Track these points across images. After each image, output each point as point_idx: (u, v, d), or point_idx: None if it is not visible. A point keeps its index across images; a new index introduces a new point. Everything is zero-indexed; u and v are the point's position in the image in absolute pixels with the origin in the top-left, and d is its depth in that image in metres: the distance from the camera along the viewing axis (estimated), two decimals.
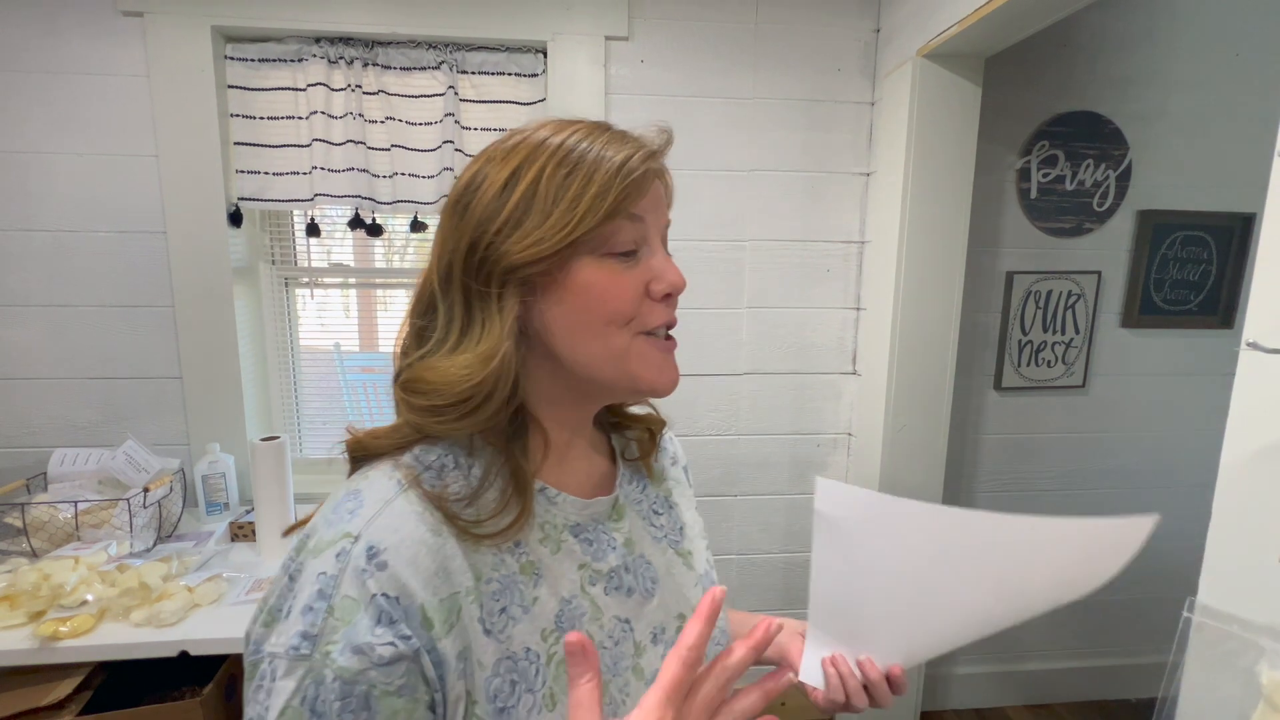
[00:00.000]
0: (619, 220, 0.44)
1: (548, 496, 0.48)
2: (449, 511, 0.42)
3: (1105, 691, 1.94)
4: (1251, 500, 0.60)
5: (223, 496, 1.46)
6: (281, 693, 0.36)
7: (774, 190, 1.58)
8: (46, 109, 1.38)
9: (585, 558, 0.48)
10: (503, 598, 0.43)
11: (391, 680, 0.37)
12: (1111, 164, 1.66)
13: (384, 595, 0.38)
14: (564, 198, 0.42)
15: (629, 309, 0.45)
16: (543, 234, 0.42)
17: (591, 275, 0.44)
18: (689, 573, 0.56)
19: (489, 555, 0.43)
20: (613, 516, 0.52)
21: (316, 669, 0.36)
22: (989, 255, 1.68)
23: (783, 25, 1.52)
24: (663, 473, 0.60)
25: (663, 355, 0.47)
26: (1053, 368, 1.74)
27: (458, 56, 1.46)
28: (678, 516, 0.59)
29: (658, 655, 0.49)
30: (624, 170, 0.43)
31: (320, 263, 1.68)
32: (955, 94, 1.38)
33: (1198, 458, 1.82)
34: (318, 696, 0.36)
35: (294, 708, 0.36)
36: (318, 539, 0.40)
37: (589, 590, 0.47)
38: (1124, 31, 1.63)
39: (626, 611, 0.49)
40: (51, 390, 1.47)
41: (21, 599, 1.05)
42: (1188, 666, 0.58)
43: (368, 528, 0.39)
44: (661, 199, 0.48)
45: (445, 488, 0.43)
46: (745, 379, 1.65)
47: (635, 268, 0.46)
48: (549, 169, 0.43)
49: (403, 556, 0.39)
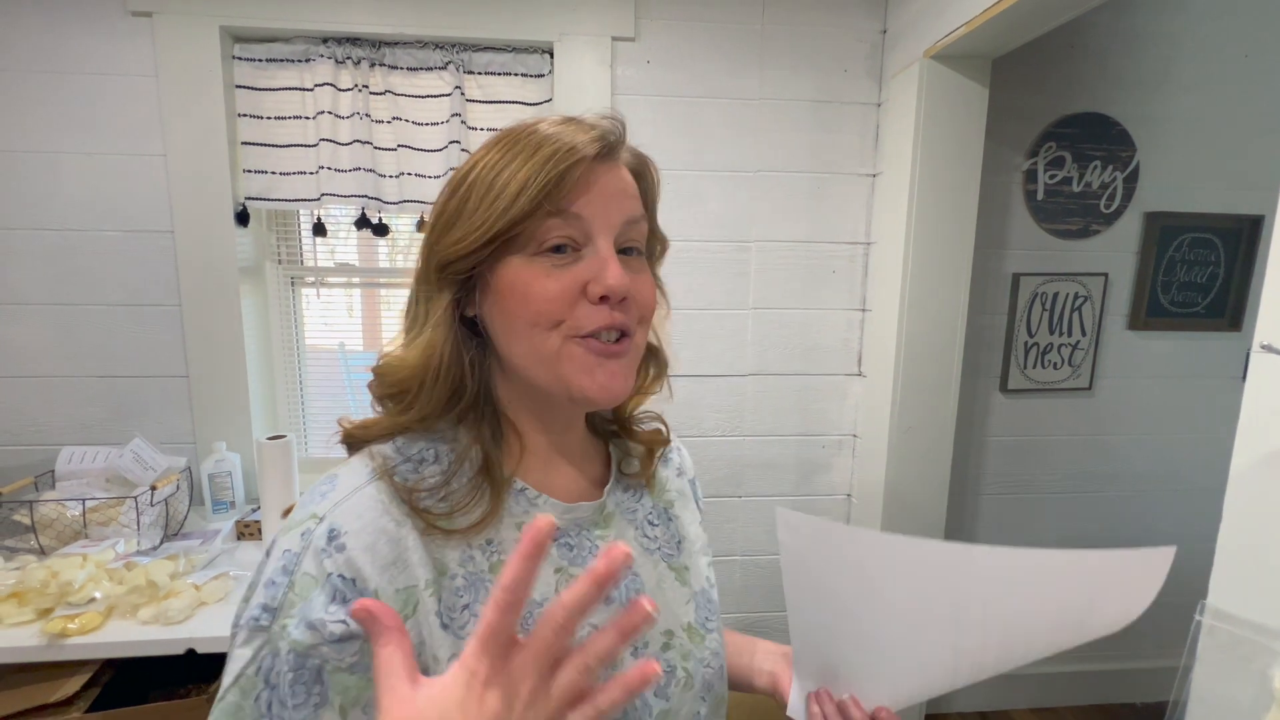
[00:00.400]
0: (547, 217, 0.42)
1: (528, 498, 0.47)
2: (416, 505, 0.42)
3: (1111, 695, 1.93)
4: (1263, 503, 0.59)
5: (229, 495, 1.46)
6: (239, 660, 0.38)
7: (780, 191, 1.58)
8: (55, 108, 1.39)
9: (562, 562, 0.47)
10: (466, 594, 0.42)
11: (343, 657, 0.37)
12: (1119, 166, 1.66)
13: (340, 576, 0.38)
14: (489, 196, 0.42)
15: (554, 310, 0.43)
16: (465, 231, 0.43)
17: (516, 275, 0.43)
18: (681, 588, 0.53)
19: (457, 551, 0.43)
20: (599, 523, 0.51)
21: (273, 640, 0.37)
22: (995, 257, 1.67)
23: (789, 26, 1.52)
24: (664, 484, 0.58)
25: (597, 360, 0.44)
26: (1059, 370, 1.74)
27: (464, 57, 1.47)
28: (677, 530, 0.56)
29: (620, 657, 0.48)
30: (550, 164, 0.41)
31: (325, 262, 1.68)
32: (962, 95, 1.38)
33: (1205, 461, 1.81)
34: (272, 668, 0.37)
35: (249, 676, 0.37)
36: (291, 518, 0.42)
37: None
38: (1132, 33, 1.62)
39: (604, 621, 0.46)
40: (59, 388, 1.48)
41: (30, 596, 1.05)
42: (1198, 669, 0.58)
43: (333, 510, 0.41)
44: (618, 192, 0.45)
45: (421, 480, 0.43)
46: (750, 380, 1.65)
47: (572, 267, 0.43)
48: (482, 171, 0.43)
49: (361, 542, 0.40)
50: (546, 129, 0.44)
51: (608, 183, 0.44)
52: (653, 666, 0.31)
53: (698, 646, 0.52)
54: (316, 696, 0.37)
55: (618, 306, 0.44)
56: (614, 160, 0.45)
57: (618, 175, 0.45)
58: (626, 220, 0.45)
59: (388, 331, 1.77)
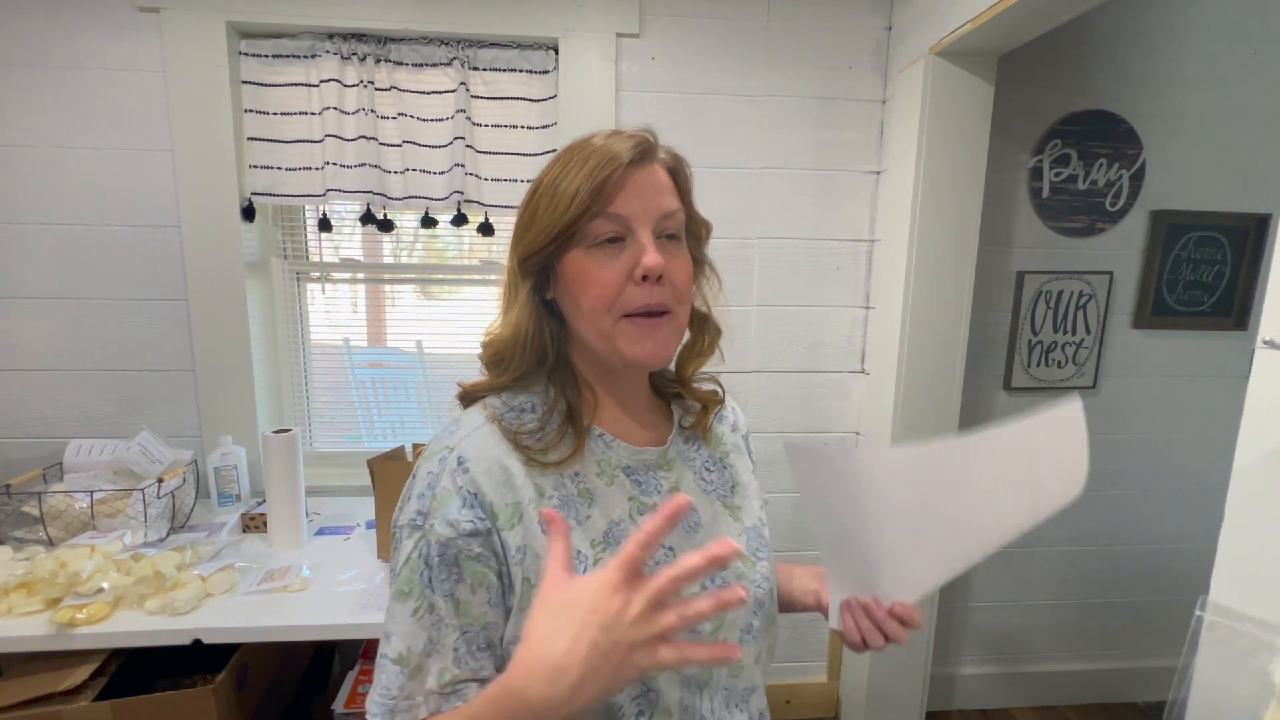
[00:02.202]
0: (595, 217, 0.53)
1: (604, 441, 0.59)
2: (519, 443, 0.55)
3: (1112, 694, 1.93)
4: (1265, 499, 0.59)
5: (234, 488, 1.47)
6: (405, 549, 0.52)
7: (784, 188, 1.58)
8: (63, 104, 1.40)
9: (635, 492, 0.59)
10: (561, 510, 0.54)
11: (472, 548, 0.51)
12: (1125, 163, 1.65)
13: (467, 490, 0.52)
14: (553, 204, 0.53)
15: (609, 294, 0.53)
16: (536, 232, 0.55)
17: (578, 265, 0.54)
18: (734, 524, 0.64)
19: (551, 479, 0.56)
20: (662, 466, 0.62)
21: (426, 534, 0.51)
22: (1000, 254, 1.67)
23: (794, 22, 1.52)
24: (720, 437, 0.69)
25: (644, 331, 0.55)
26: (1063, 368, 1.73)
27: (469, 53, 1.47)
28: (731, 476, 0.67)
29: (697, 585, 0.57)
30: (593, 174, 0.52)
31: (330, 258, 1.69)
32: (967, 92, 1.38)
33: (1210, 460, 1.81)
34: (427, 553, 0.51)
35: (413, 559, 0.52)
36: (429, 448, 0.56)
37: (636, 518, 0.57)
38: (1139, 30, 1.61)
39: (671, 541, 0.58)
40: (67, 382, 1.49)
41: (39, 586, 1.07)
42: (1199, 665, 0.58)
43: (460, 444, 0.55)
44: (653, 189, 0.54)
45: (522, 425, 0.57)
46: (754, 376, 1.65)
47: (620, 255, 0.54)
48: (548, 182, 0.54)
49: (480, 467, 0.53)
50: (597, 142, 0.54)
51: (644, 182, 0.54)
52: (737, 591, 0.41)
53: (750, 570, 0.62)
54: (455, 575, 0.51)
55: (656, 285, 0.53)
56: (650, 162, 0.55)
57: (653, 174, 0.55)
58: (663, 213, 0.55)
59: (392, 326, 1.78)
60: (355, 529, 1.43)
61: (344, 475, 1.65)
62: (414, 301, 1.79)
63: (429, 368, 1.78)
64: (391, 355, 1.83)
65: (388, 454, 1.33)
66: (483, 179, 1.51)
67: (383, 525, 1.28)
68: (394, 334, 1.78)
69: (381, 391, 1.87)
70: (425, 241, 1.73)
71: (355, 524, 1.45)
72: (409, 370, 1.82)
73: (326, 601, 1.13)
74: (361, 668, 1.32)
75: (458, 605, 0.51)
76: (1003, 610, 1.87)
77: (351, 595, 1.15)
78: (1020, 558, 1.84)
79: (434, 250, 1.75)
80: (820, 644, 1.82)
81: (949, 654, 1.88)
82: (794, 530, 1.73)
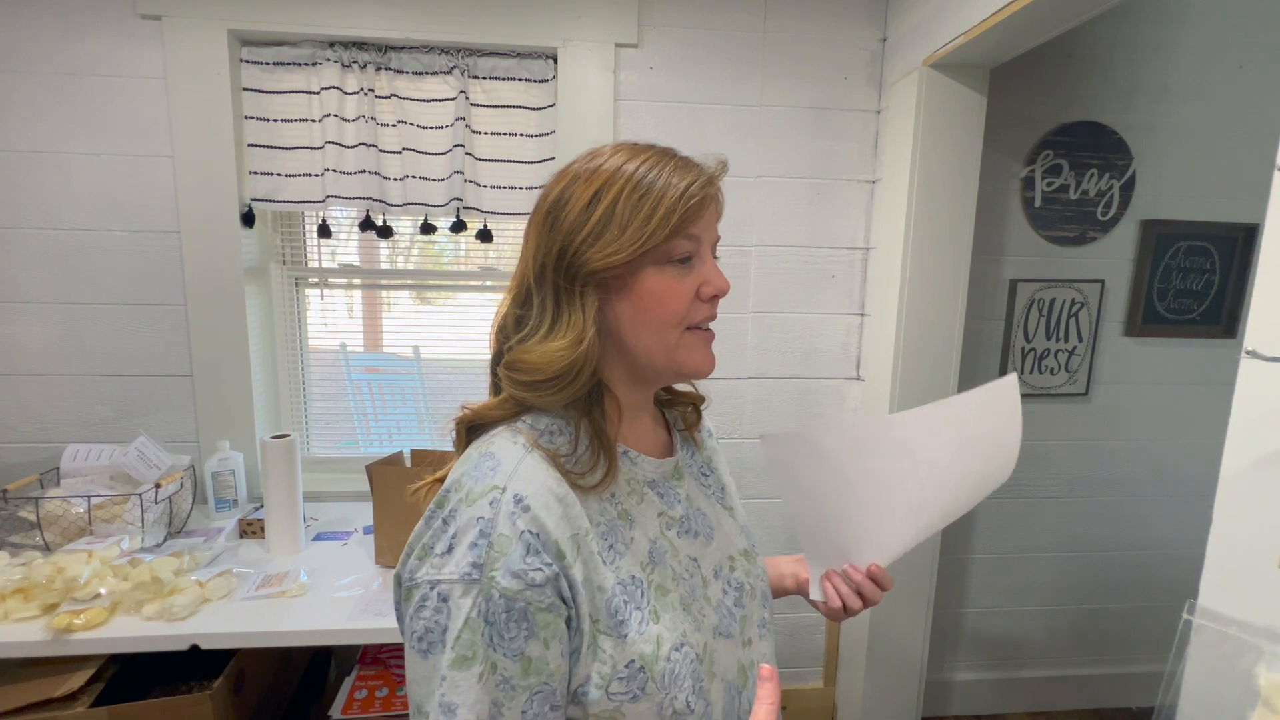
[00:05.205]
0: (679, 237, 0.53)
1: (630, 458, 0.59)
2: (563, 467, 0.52)
3: (1105, 699, 1.94)
4: (1251, 505, 0.61)
5: (232, 493, 1.47)
6: (461, 609, 0.46)
7: (780, 196, 1.60)
8: (65, 109, 1.40)
9: (662, 506, 0.59)
10: (610, 537, 0.53)
11: (543, 599, 0.47)
12: (1115, 174, 1.68)
13: (529, 532, 0.48)
14: (637, 218, 0.52)
15: (682, 310, 0.54)
16: (618, 246, 0.52)
17: (655, 282, 0.54)
18: (733, 523, 0.67)
19: (595, 504, 0.54)
20: (676, 476, 0.63)
21: (485, 589, 0.46)
22: (993, 263, 1.69)
23: (791, 34, 1.54)
24: (703, 442, 0.71)
25: (704, 345, 0.58)
26: (1055, 375, 1.75)
27: (469, 61, 1.48)
28: (719, 478, 0.69)
29: (718, 588, 0.59)
30: (685, 196, 0.52)
31: (328, 264, 1.69)
32: (961, 103, 1.40)
33: (1200, 467, 1.82)
34: (489, 610, 0.46)
35: (473, 619, 0.46)
36: (468, 491, 0.50)
37: (666, 534, 0.58)
38: (1129, 43, 1.64)
39: (694, 551, 0.59)
40: (65, 386, 1.49)
41: (35, 591, 1.06)
42: (1187, 668, 0.59)
43: (510, 480, 0.50)
44: (715, 215, 0.57)
45: (557, 449, 0.54)
46: (750, 383, 1.67)
47: (690, 274, 0.55)
48: (625, 192, 0.52)
49: (539, 502, 0.49)
50: (684, 161, 0.55)
51: (712, 209, 0.56)
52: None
53: (754, 565, 0.65)
54: (525, 631, 0.47)
55: (712, 301, 0.56)
56: (715, 189, 0.57)
57: (716, 202, 0.57)
58: (719, 236, 0.59)
59: (388, 332, 1.79)
60: (353, 534, 1.43)
61: (341, 480, 1.65)
62: (411, 307, 1.79)
63: (426, 373, 1.79)
64: (388, 361, 1.84)
65: (386, 459, 1.33)
66: (482, 186, 1.53)
67: (380, 530, 1.28)
68: (391, 339, 1.79)
69: (379, 397, 1.88)
70: (422, 247, 1.74)
71: (353, 529, 1.45)
72: (406, 376, 1.83)
73: (324, 607, 1.14)
74: (358, 673, 1.32)
75: (529, 664, 0.47)
76: (997, 616, 1.88)
77: (349, 600, 1.16)
78: (1014, 563, 1.85)
79: (430, 255, 1.76)
80: (816, 650, 1.83)
81: (944, 660, 1.88)
82: (793, 533, 1.73)
